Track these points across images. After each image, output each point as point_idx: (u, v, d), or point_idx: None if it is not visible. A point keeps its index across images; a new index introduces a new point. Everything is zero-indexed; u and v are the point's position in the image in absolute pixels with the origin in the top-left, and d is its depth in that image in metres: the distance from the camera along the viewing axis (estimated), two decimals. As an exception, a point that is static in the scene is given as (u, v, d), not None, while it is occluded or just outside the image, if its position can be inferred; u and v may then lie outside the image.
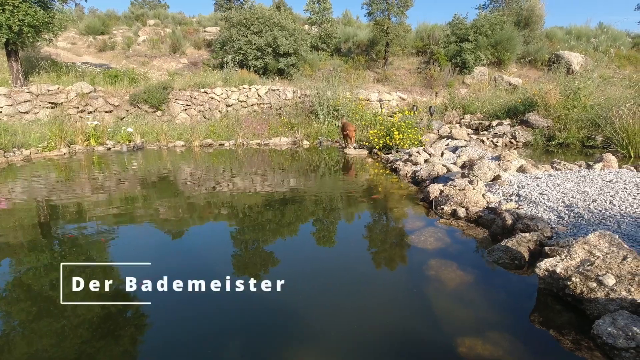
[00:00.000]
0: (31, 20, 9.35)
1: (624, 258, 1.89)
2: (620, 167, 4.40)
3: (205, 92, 11.62)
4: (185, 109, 11.53)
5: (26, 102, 10.09)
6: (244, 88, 11.92)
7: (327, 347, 1.77)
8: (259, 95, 11.99)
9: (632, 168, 4.28)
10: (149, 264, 2.68)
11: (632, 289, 1.78)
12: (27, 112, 10.10)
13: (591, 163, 4.63)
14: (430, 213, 3.67)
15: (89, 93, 10.73)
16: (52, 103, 10.35)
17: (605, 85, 8.97)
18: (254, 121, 11.08)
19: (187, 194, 4.88)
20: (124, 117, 10.93)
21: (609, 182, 3.59)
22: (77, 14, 18.58)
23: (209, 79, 12.10)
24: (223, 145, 10.06)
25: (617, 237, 2.04)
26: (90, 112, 10.59)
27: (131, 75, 12.07)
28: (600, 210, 2.92)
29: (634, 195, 3.11)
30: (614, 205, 2.98)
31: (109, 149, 9.31)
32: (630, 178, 3.64)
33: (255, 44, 13.22)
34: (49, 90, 10.37)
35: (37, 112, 10.22)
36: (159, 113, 11.25)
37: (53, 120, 9.47)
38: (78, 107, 10.51)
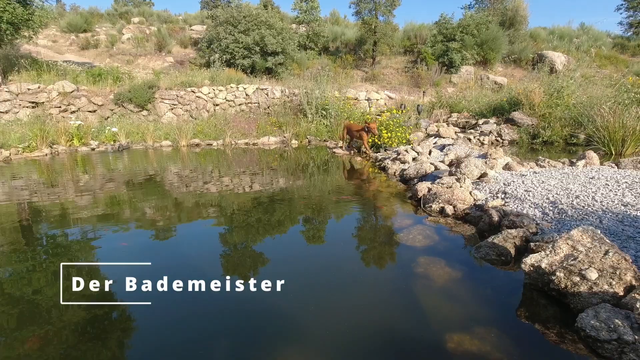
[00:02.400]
0: (10, 17, 9.06)
1: (606, 252, 1.94)
2: (601, 164, 4.52)
3: (192, 91, 11.47)
4: (172, 109, 11.36)
5: (5, 101, 9.79)
6: (232, 87, 11.81)
7: (319, 345, 1.76)
8: (246, 95, 11.90)
9: (613, 165, 4.40)
10: (148, 264, 2.62)
11: (614, 283, 1.82)
12: (6, 112, 9.80)
13: (574, 160, 4.74)
14: (418, 211, 3.70)
15: (72, 92, 10.47)
16: (32, 102, 10.07)
17: (587, 85, 9.20)
18: (242, 120, 10.99)
19: (176, 194, 4.81)
20: (108, 117, 10.71)
21: (591, 179, 3.68)
22: (58, 11, 18.13)
23: (196, 77, 11.94)
24: (211, 145, 9.95)
25: (599, 232, 2.09)
26: (73, 112, 10.34)
27: (115, 74, 11.83)
28: (583, 207, 2.98)
29: (615, 192, 3.20)
30: (596, 201, 3.05)
31: (93, 149, 9.11)
32: (612, 175, 3.74)
33: (242, 42, 13.11)
34: (29, 89, 10.08)
35: (17, 112, 9.93)
36: (144, 112, 11.05)
37: (34, 120, 9.19)
38: (60, 107, 10.25)
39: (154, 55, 15.50)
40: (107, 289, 2.28)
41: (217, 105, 11.72)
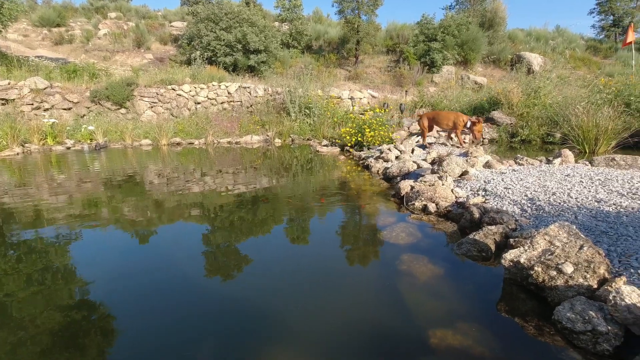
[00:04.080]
0: (-24, 10, 8.64)
1: (581, 247, 2.00)
2: (576, 162, 4.67)
3: (173, 89, 11.24)
4: (152, 107, 11.10)
5: (-27, 98, 9.34)
6: (214, 85, 11.64)
7: (302, 344, 1.75)
8: (229, 93, 11.74)
9: (587, 163, 4.56)
10: (127, 265, 2.56)
11: (588, 276, 1.88)
12: (-26, 109, 9.35)
13: (551, 158, 4.88)
14: (401, 209, 3.73)
15: (45, 89, 10.08)
16: (2, 99, 9.64)
17: (562, 85, 9.51)
18: (224, 119, 10.85)
19: (156, 194, 4.69)
20: (84, 115, 10.36)
21: (567, 176, 3.80)
22: (29, 4, 17.39)
23: (177, 75, 11.71)
24: (192, 143, 9.78)
25: (574, 227, 2.15)
26: (46, 109, 9.96)
27: (92, 71, 11.46)
28: (560, 203, 3.08)
29: (589, 188, 3.31)
30: (572, 197, 3.15)
31: (68, 148, 8.80)
32: (586, 172, 3.87)
33: (224, 40, 12.93)
34: (-2, 85, 9.65)
35: (-14, 109, 9.49)
36: (123, 110, 10.76)
37: (4, 118, 8.80)
38: (32, 104, 9.85)
39: (132, 51, 15.09)
40: (83, 291, 2.21)
41: (198, 103, 11.52)
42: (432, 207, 3.50)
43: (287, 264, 2.64)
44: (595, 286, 1.86)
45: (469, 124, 6.29)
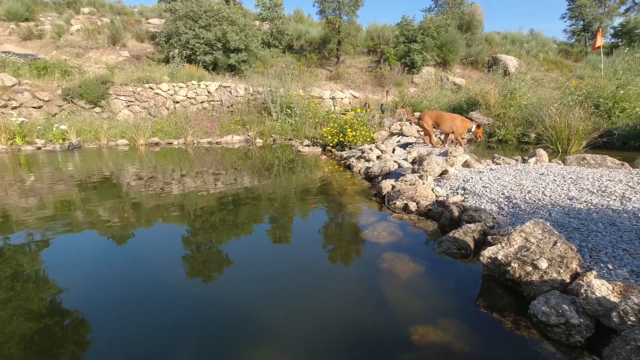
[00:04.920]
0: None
1: (555, 243, 2.07)
2: (550, 161, 4.84)
3: (150, 88, 10.96)
4: (128, 106, 10.78)
5: None
6: (193, 84, 11.42)
7: (285, 346, 1.73)
8: (209, 92, 11.55)
9: (560, 162, 4.73)
10: (103, 269, 2.46)
11: (562, 271, 1.95)
12: None
13: (526, 158, 5.04)
14: (383, 208, 3.76)
15: (13, 86, 9.62)
16: (-34, 97, 9.15)
17: (536, 87, 9.84)
18: (204, 119, 10.67)
19: (133, 196, 4.55)
20: (56, 114, 9.96)
21: (541, 175, 3.92)
22: (-4, -2, 16.57)
23: (154, 73, 11.42)
24: (171, 144, 9.57)
25: (548, 224, 2.22)
26: (14, 108, 9.51)
27: (63, 68, 11.03)
28: (535, 201, 3.18)
29: (562, 187, 3.44)
30: (546, 195, 3.26)
31: (39, 148, 8.43)
32: (559, 171, 4.02)
33: (203, 38, 12.70)
34: (-38, 82, 9.15)
35: (-52, 108, 8.98)
36: (97, 109, 10.40)
37: (-31, 117, 8.36)
38: None
39: (107, 48, 14.62)
40: (55, 298, 2.11)
41: (177, 102, 11.28)
42: (413, 206, 3.54)
43: (269, 266, 2.62)
44: (568, 280, 1.93)
45: (473, 128, 6.21)
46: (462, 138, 6.67)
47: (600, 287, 1.70)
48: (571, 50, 20.21)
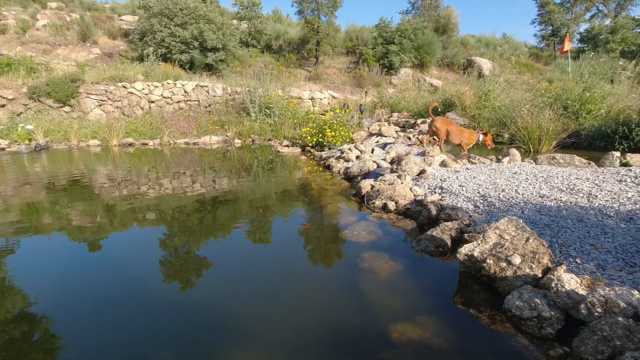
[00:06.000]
0: None
1: (527, 239, 2.14)
2: (523, 160, 5.01)
3: (124, 87, 10.61)
4: (100, 105, 10.40)
5: None
6: (169, 83, 11.14)
7: (265, 347, 1.71)
8: (185, 92, 11.30)
9: (531, 161, 4.90)
10: (77, 274, 2.35)
11: (534, 266, 2.01)
12: None
13: (500, 157, 5.19)
14: (362, 208, 3.78)
15: (-26, 84, 9.09)
16: None
17: (509, 89, 10.17)
18: (180, 119, 10.43)
19: (106, 198, 4.38)
20: (21, 113, 9.48)
21: (514, 173, 4.06)
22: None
23: (128, 72, 11.06)
24: (147, 144, 9.29)
25: (521, 221, 2.30)
26: (-24, 107, 8.99)
27: (29, 65, 10.52)
28: (508, 199, 3.28)
29: (534, 185, 3.56)
30: (519, 193, 3.37)
31: (2, 149, 8.01)
32: (531, 170, 4.16)
33: (179, 36, 12.41)
34: None
35: None
36: (67, 109, 9.98)
37: None
38: (-41, 101, 8.85)
39: (76, 45, 14.05)
40: (23, 307, 2.00)
41: (152, 102, 10.97)
42: (391, 205, 3.58)
43: (249, 268, 2.58)
44: (540, 275, 2.00)
45: (480, 138, 6.24)
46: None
47: (570, 281, 1.76)
48: (541, 54, 21.07)
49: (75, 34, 14.53)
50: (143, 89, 10.83)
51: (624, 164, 4.53)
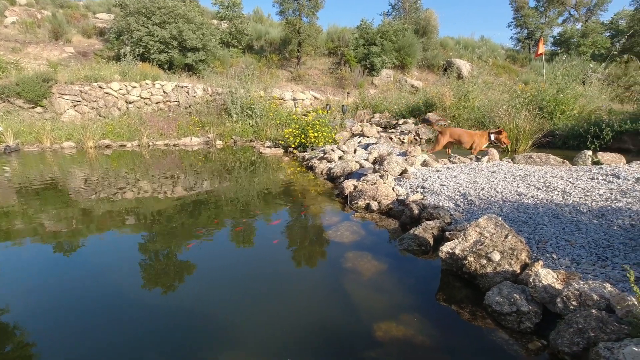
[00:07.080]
0: None
1: (506, 236, 2.19)
2: (501, 159, 5.14)
3: (100, 87, 10.28)
4: (75, 106, 10.05)
5: None
6: (147, 84, 10.87)
7: (250, 348, 1.68)
8: (164, 92, 11.06)
9: (509, 160, 5.03)
10: (53, 280, 2.24)
11: (513, 262, 2.06)
12: None
13: (479, 157, 5.31)
14: (345, 208, 3.79)
15: (-63, 83, 8.62)
16: None
17: (487, 90, 10.42)
18: (160, 120, 10.19)
19: (81, 202, 4.23)
20: (-11, 114, 9.05)
21: (493, 172, 4.15)
22: None
23: (104, 72, 10.73)
24: (124, 146, 9.03)
25: (500, 219, 2.35)
26: (-61, 108, 8.52)
27: (-2, 64, 10.06)
28: (488, 197, 3.35)
29: (512, 183, 3.66)
30: (497, 192, 3.45)
31: (-31, 152, 7.62)
32: (509, 169, 4.27)
33: (158, 36, 12.13)
34: None
35: None
36: (39, 109, 9.59)
37: None
38: None
39: (48, 44, 13.53)
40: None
41: (130, 103, 10.68)
42: (374, 205, 3.60)
43: (232, 270, 2.54)
44: (519, 271, 2.05)
45: (492, 137, 6.10)
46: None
47: (546, 276, 1.82)
48: (517, 56, 21.70)
49: (47, 32, 13.99)
50: (120, 89, 10.53)
51: (596, 162, 4.71)
